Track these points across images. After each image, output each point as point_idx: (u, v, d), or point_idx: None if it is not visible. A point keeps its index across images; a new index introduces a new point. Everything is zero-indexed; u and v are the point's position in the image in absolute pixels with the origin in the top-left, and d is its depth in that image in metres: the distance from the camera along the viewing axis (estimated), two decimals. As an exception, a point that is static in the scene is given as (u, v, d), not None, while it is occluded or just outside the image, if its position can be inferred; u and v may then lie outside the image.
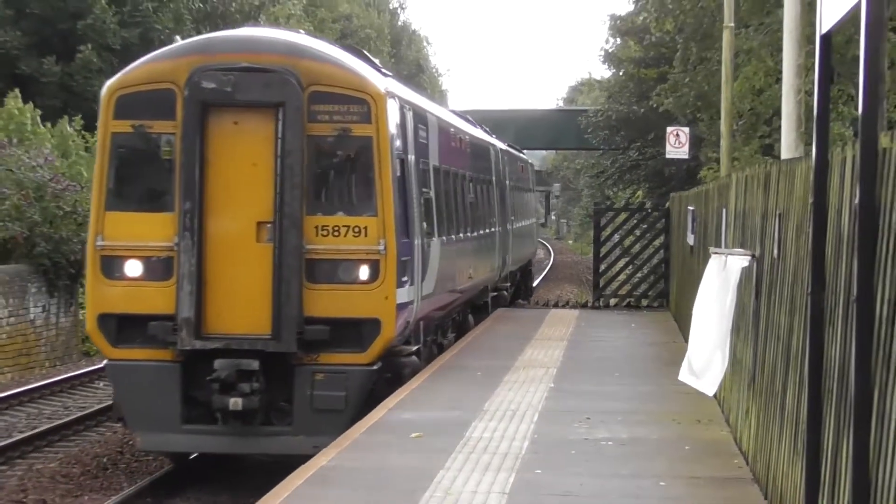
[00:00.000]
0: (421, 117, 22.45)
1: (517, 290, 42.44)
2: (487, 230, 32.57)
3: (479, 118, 39.65)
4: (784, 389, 10.85)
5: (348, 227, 18.15)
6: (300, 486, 12.59)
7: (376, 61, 21.59)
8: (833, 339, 8.49)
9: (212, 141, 18.17)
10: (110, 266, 18.35)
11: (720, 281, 13.16)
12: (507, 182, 38.57)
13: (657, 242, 34.91)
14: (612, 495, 12.31)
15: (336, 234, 18.09)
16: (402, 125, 19.93)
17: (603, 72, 76.51)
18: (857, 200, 7.41)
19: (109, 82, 19.17)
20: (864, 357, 7.20)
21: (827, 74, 8.81)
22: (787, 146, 18.41)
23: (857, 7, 7.09)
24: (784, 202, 11.36)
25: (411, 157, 20.49)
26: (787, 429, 10.55)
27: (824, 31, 8.43)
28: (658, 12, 45.94)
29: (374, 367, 18.21)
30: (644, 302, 34.76)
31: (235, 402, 17.24)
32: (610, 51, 65.70)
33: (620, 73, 63.32)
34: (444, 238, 23.98)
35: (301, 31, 22.79)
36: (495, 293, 35.37)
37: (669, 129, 38.23)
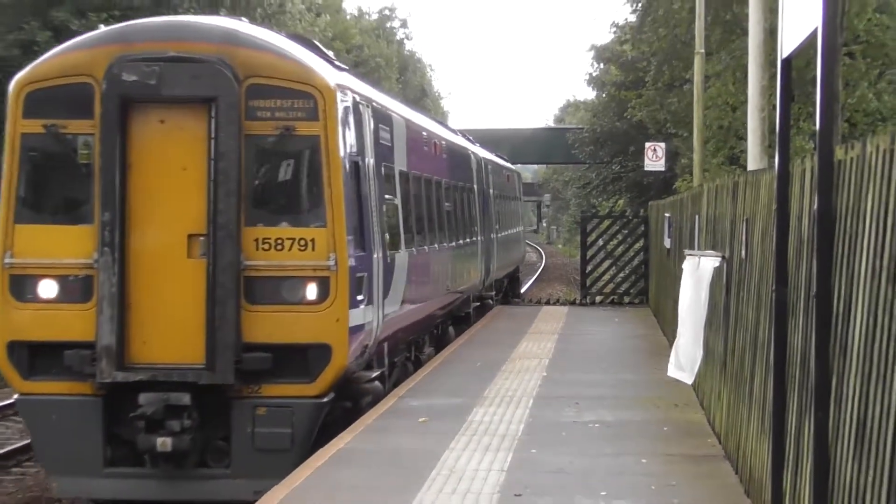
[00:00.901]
0: (383, 117, 18.54)
1: (505, 296, 39.04)
2: (468, 239, 28.74)
3: (477, 137, 39.53)
4: (752, 375, 10.84)
5: (293, 239, 14.52)
6: (320, 467, 12.58)
7: (330, 53, 17.37)
8: (795, 330, 8.49)
9: (135, 142, 14.59)
10: (20, 286, 14.60)
11: (694, 280, 13.15)
12: (491, 191, 34.78)
13: (637, 246, 34.91)
14: (599, 472, 12.30)
15: (279, 247, 14.47)
16: (358, 124, 16.15)
17: (587, 94, 76.65)
18: (815, 207, 7.41)
19: (18, 76, 15.26)
20: (822, 346, 7.20)
21: (788, 95, 8.81)
22: (753, 158, 18.40)
23: (813, 35, 7.10)
24: (750, 209, 11.36)
25: (369, 161, 16.69)
26: (755, 411, 10.54)
27: (785, 56, 8.43)
28: (634, 39, 46.03)
29: (325, 400, 14.40)
30: (626, 299, 34.72)
31: (164, 443, 13.76)
32: (593, 75, 65.93)
33: (603, 95, 63.46)
34: (413, 250, 20.20)
35: (243, 18, 18.02)
36: (478, 303, 31.51)
37: (647, 144, 38.37)
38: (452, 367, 20.74)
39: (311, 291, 14.45)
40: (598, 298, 35.28)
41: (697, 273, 13.25)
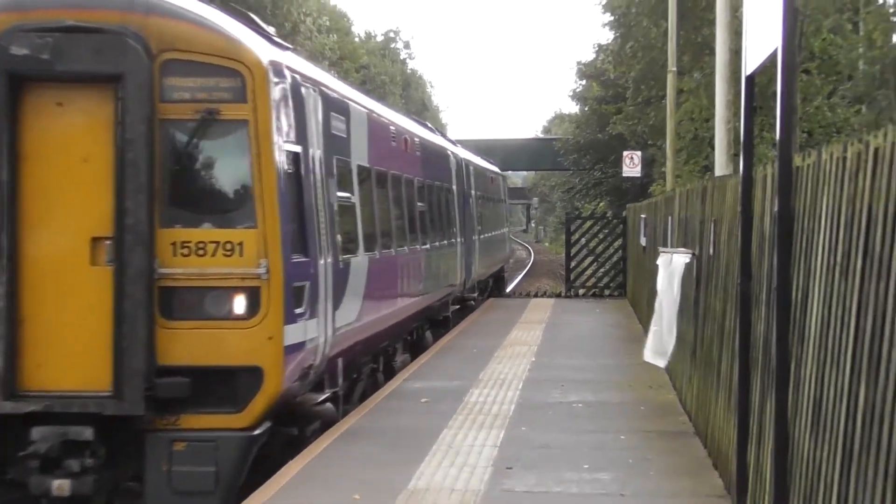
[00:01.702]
0: (337, 105, 14.82)
1: (490, 296, 35.97)
2: (446, 241, 24.94)
3: (472, 146, 39.50)
4: (719, 360, 10.85)
5: (217, 243, 11.24)
6: (331, 443, 12.58)
7: (270, 29, 13.73)
8: (758, 319, 8.50)
9: (27, 129, 11.33)
10: None
11: (668, 274, 13.16)
12: (474, 192, 31.30)
13: (616, 244, 34.88)
14: (583, 447, 12.31)
15: (201, 252, 11.23)
16: (299, 109, 12.65)
17: (572, 108, 76.67)
18: (776, 209, 7.42)
19: None
20: (782, 334, 7.21)
21: (751, 108, 8.82)
22: (720, 166, 18.43)
23: (774, 54, 7.11)
24: (718, 211, 11.36)
25: (316, 153, 13.22)
26: (722, 392, 10.55)
27: (748, 73, 8.43)
28: (615, 62, 46.05)
29: (256, 432, 11.11)
30: (606, 292, 34.70)
31: (61, 486, 10.56)
32: (577, 91, 66.10)
33: (585, 109, 63.54)
34: (376, 254, 16.52)
35: None
36: (458, 307, 28.16)
37: (625, 153, 38.51)
38: (451, 353, 20.74)
39: (239, 304, 11.25)
40: (581, 291, 35.26)
41: (670, 268, 13.26)
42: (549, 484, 10.61)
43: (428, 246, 22.24)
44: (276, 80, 11.84)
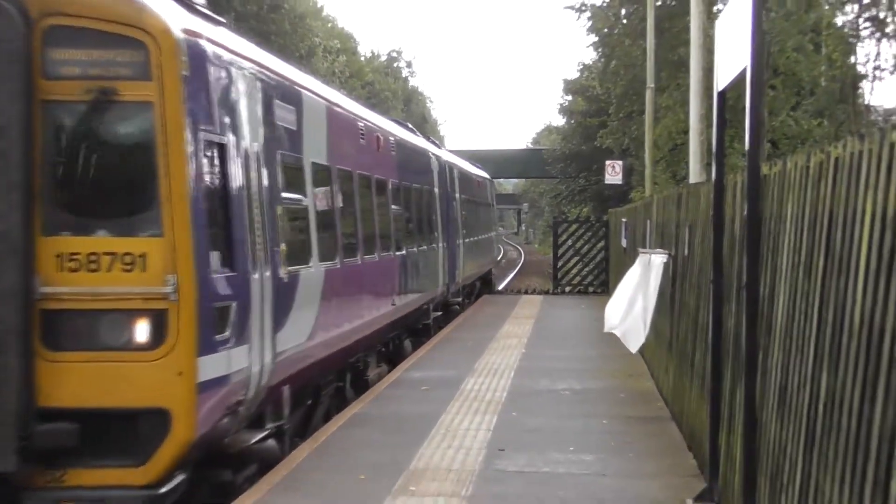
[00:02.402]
0: (285, 93, 11.80)
1: (477, 298, 33.54)
2: (426, 246, 22.02)
3: (468, 156, 39.39)
4: (693, 351, 10.86)
5: (114, 255, 8.45)
6: (339, 428, 12.58)
7: None
8: (728, 314, 8.50)
9: None
10: None
11: (644, 271, 13.16)
12: (458, 195, 28.42)
13: (599, 245, 34.87)
14: (569, 430, 12.31)
15: (93, 266, 8.42)
16: (226, 92, 9.71)
17: (559, 121, 76.70)
18: (745, 213, 7.42)
19: None
20: (751, 327, 7.21)
21: (722, 121, 8.83)
22: (694, 174, 18.41)
23: (743, 72, 7.12)
24: (692, 215, 11.37)
25: (250, 146, 10.16)
26: (696, 381, 10.56)
27: (720, 89, 8.44)
28: (600, 79, 46.14)
29: (163, 490, 8.39)
30: (590, 289, 34.69)
31: None
32: (564, 105, 66.21)
33: (572, 122, 63.60)
34: (336, 263, 13.63)
35: None
36: (439, 313, 24.79)
37: (608, 162, 38.48)
38: (448, 345, 20.74)
39: (141, 332, 8.46)
40: (567, 289, 35.26)
41: (647, 267, 13.26)
42: (538, 464, 10.61)
43: (404, 252, 19.31)
44: (191, 54, 8.91)
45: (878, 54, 31.40)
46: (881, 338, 4.76)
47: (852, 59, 30.53)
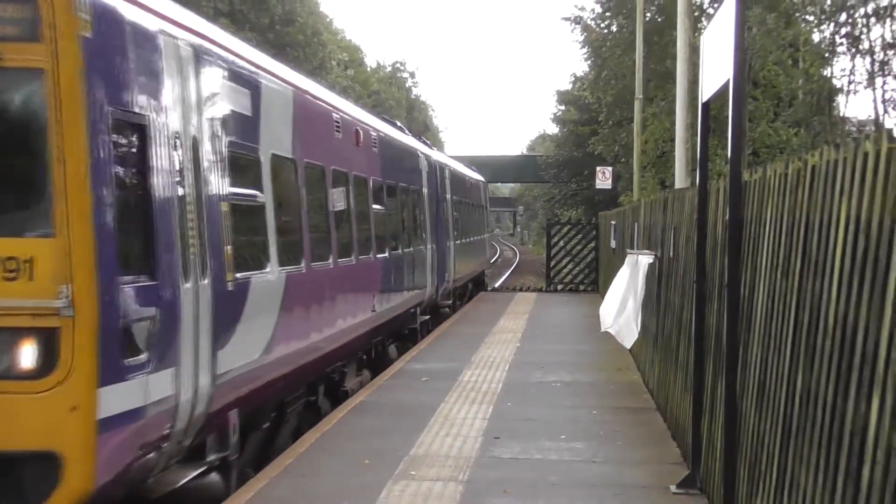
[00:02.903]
0: (237, 75, 9.70)
1: (470, 299, 31.46)
2: (412, 248, 19.72)
3: (467, 161, 39.30)
4: (677, 347, 10.85)
5: None
6: (345, 415, 12.56)
7: None
8: (711, 312, 8.50)
9: None
10: None
11: (633, 272, 13.15)
12: (450, 196, 26.29)
13: (590, 246, 34.83)
14: (560, 420, 12.30)
15: None
16: (147, 61, 7.66)
17: (553, 129, 76.75)
18: (727, 217, 7.42)
19: None
20: (732, 324, 7.21)
21: (706, 130, 8.83)
22: (679, 180, 18.44)
23: (726, 85, 7.11)
24: (677, 218, 11.36)
25: (186, 130, 8.23)
26: (680, 374, 10.55)
27: (704, 100, 8.44)
28: (591, 89, 46.15)
29: None
30: (581, 287, 34.66)
31: None
32: (557, 114, 66.32)
33: (564, 130, 63.65)
34: (301, 268, 11.49)
35: None
36: (427, 317, 22.54)
37: (598, 168, 38.57)
38: (447, 339, 20.72)
39: (26, 356, 6.61)
40: (559, 287, 35.23)
41: (636, 267, 13.25)
42: (531, 451, 10.60)
43: (387, 254, 16.93)
44: (95, 12, 6.92)
45: (853, 69, 31.46)
46: (854, 336, 4.75)
47: (828, 74, 30.60)
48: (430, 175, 23.00)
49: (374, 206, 16.34)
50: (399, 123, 22.72)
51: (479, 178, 37.59)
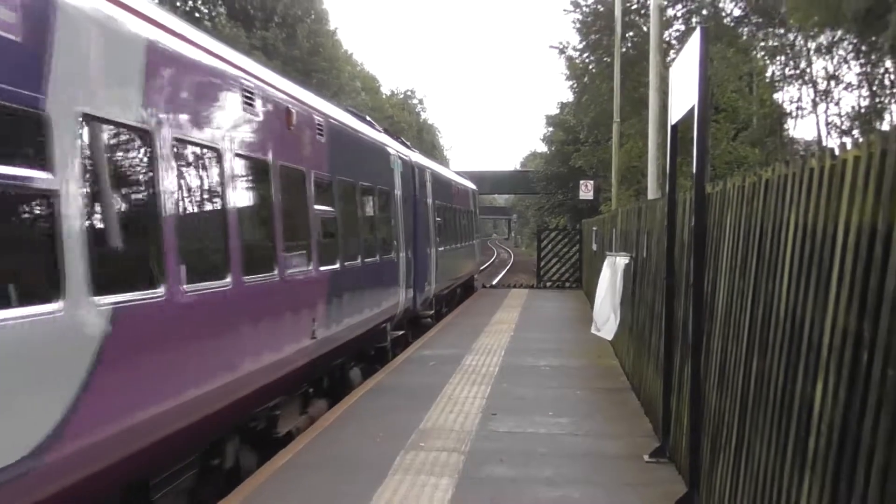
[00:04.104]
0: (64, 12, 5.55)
1: (460, 302, 27.93)
2: (377, 257, 14.84)
3: (469, 175, 39.09)
4: (650, 336, 10.85)
5: None
6: (363, 396, 12.57)
7: None
8: (679, 306, 8.50)
9: None
10: None
11: (612, 272, 13.15)
12: (431, 200, 21.70)
13: (574, 249, 34.79)
14: (548, 398, 12.30)
15: None
16: None
17: (542, 147, 76.78)
18: (692, 224, 7.41)
19: None
20: (697, 317, 7.21)
21: (675, 149, 8.82)
22: (651, 191, 18.43)
23: (692, 110, 7.11)
24: (649, 224, 11.36)
25: None
26: (652, 359, 10.55)
27: (673, 123, 8.44)
28: (574, 111, 46.23)
29: None
30: (567, 284, 34.61)
31: None
32: (546, 135, 66.41)
33: (552, 149, 63.71)
34: (159, 293, 6.71)
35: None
36: (401, 332, 17.80)
37: (581, 181, 38.59)
38: (452, 329, 20.70)
39: None
40: (548, 284, 35.17)
41: (614, 267, 13.25)
42: (524, 426, 10.60)
43: (337, 266, 12.03)
44: None
45: (800, 97, 31.39)
46: (802, 327, 4.76)
47: (779, 100, 30.61)
48: (405, 176, 18.31)
49: (318, 207, 11.21)
50: (369, 119, 17.55)
51: (469, 184, 33.16)
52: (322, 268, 11.37)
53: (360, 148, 14.37)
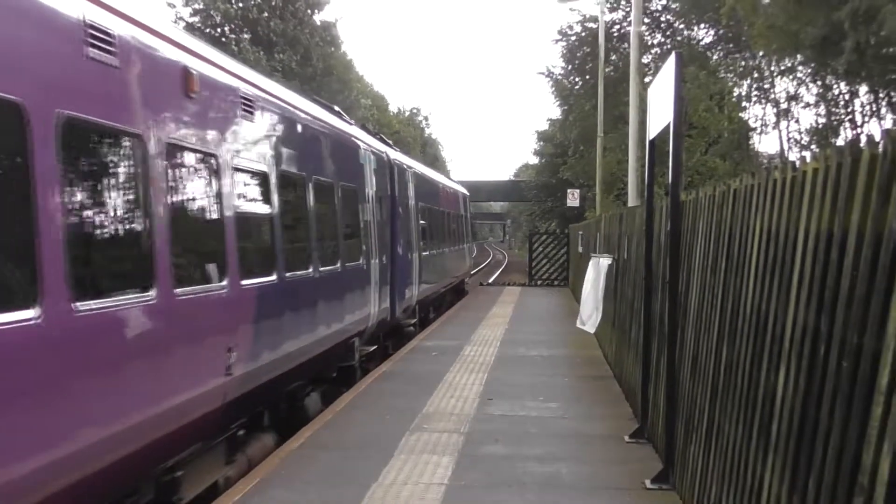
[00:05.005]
0: None
1: (450, 306, 24.85)
2: (339, 265, 11.49)
3: (468, 185, 39.06)
4: (630, 328, 10.84)
5: None
6: (371, 382, 12.56)
7: None
8: (656, 302, 8.49)
9: None
10: None
11: (596, 272, 13.14)
12: (414, 202, 18.53)
13: (562, 251, 34.80)
14: (539, 385, 12.29)
15: None
16: None
17: (534, 160, 76.83)
18: (668, 228, 7.41)
19: None
20: (672, 312, 7.20)
21: (652, 161, 8.82)
22: (631, 199, 18.42)
23: (668, 126, 7.11)
24: (629, 229, 11.36)
25: None
26: (631, 350, 10.54)
27: (650, 138, 8.43)
28: (560, 128, 46.29)
29: None
30: (556, 283, 34.63)
31: None
32: (537, 149, 66.53)
33: (543, 160, 63.79)
34: (14, 317, 4.18)
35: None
36: (373, 347, 14.20)
37: (569, 190, 38.67)
38: (453, 321, 20.69)
39: None
40: (539, 282, 35.19)
41: (598, 267, 13.24)
42: (517, 409, 10.59)
43: (273, 278, 8.70)
44: None
45: (764, 115, 31.47)
46: (766, 321, 4.75)
47: (745, 118, 30.66)
48: (380, 174, 14.75)
49: (239, 205, 7.80)
50: (338, 109, 13.57)
51: (460, 188, 29.79)
52: (246, 282, 7.72)
53: (312, 136, 10.47)
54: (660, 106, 7.66)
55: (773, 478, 4.42)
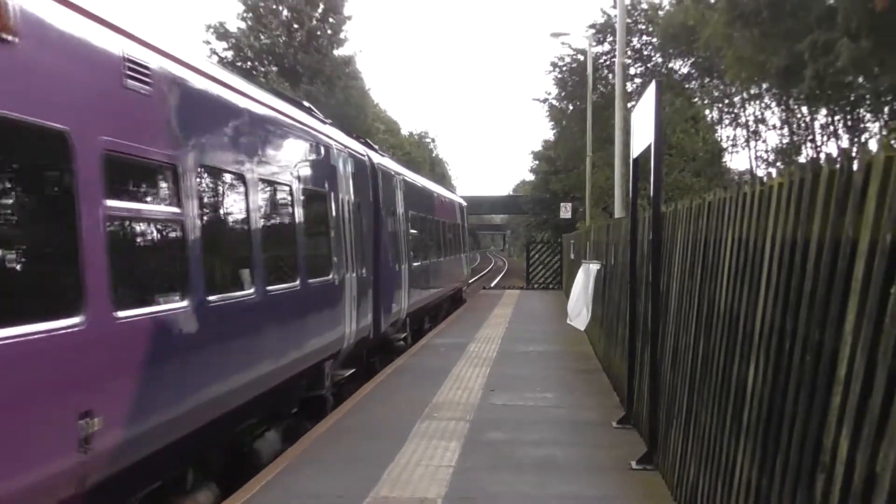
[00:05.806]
0: None
1: (447, 315, 22.35)
2: (305, 280, 8.38)
3: (471, 201, 38.98)
4: (617, 327, 10.83)
5: None
6: (388, 375, 12.55)
7: None
8: (639, 303, 8.48)
9: None
10: None
11: (586, 276, 13.13)
12: (403, 210, 15.74)
13: (556, 258, 34.75)
14: (535, 376, 12.26)
15: None
16: None
17: (530, 176, 76.88)
18: (650, 237, 7.41)
19: None
20: (655, 312, 7.20)
21: (636, 178, 8.83)
22: (617, 211, 18.43)
23: (649, 147, 7.12)
24: (616, 238, 11.36)
25: None
26: (619, 346, 10.53)
27: (634, 157, 8.44)
28: (554, 148, 46.36)
29: None
30: (550, 286, 34.58)
31: None
32: (532, 167, 66.60)
33: (538, 177, 63.88)
34: None
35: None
36: (351, 371, 11.14)
37: (562, 203, 38.70)
38: (458, 322, 20.66)
39: None
40: (535, 286, 35.14)
41: (588, 272, 13.23)
42: (516, 400, 10.58)
43: (182, 306, 5.58)
44: None
45: (734, 136, 31.42)
46: (737, 320, 4.76)
47: (718, 139, 30.65)
48: (359, 179, 12.00)
49: (121, 206, 4.94)
50: (308, 104, 11.24)
51: (456, 198, 26.96)
52: (125, 314, 4.91)
53: (261, 128, 7.66)
54: (642, 128, 7.67)
55: (745, 459, 4.42)
